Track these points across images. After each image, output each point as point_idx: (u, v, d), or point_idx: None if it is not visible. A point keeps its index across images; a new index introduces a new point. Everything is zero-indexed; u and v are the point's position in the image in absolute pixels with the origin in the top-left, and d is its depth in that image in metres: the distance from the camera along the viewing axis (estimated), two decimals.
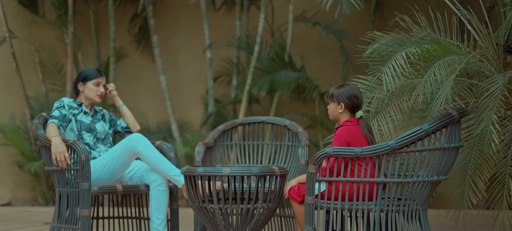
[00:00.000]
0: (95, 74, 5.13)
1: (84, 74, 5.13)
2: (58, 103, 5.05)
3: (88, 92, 5.11)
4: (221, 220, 4.36)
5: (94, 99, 5.12)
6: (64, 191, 4.79)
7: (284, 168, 4.41)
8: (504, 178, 5.06)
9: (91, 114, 5.16)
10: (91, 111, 5.18)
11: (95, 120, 5.16)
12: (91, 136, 5.07)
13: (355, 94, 4.32)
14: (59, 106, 5.02)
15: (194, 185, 4.37)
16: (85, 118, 5.10)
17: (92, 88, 5.10)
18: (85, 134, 5.05)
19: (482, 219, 7.18)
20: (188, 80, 8.70)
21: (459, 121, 4.13)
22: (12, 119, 8.49)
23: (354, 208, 4.11)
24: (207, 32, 8.42)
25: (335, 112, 4.38)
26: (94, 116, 5.18)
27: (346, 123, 4.32)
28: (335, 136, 4.28)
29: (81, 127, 5.05)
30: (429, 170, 4.11)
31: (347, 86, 4.35)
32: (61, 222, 4.80)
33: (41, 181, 8.49)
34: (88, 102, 5.15)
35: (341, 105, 4.33)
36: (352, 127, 4.29)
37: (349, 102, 4.31)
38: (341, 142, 4.22)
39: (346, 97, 4.32)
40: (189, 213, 7.60)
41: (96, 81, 5.11)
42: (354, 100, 4.32)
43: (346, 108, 4.33)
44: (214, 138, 5.47)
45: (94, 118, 5.17)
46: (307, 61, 8.40)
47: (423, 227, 4.15)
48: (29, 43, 8.70)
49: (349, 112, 4.34)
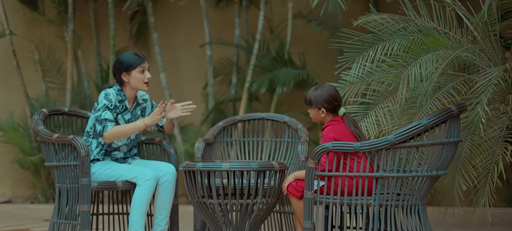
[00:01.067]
0: (138, 60, 4.76)
1: (127, 62, 4.74)
2: (107, 101, 4.74)
3: (134, 82, 4.76)
4: (220, 215, 4.37)
5: (143, 88, 4.81)
6: (64, 186, 4.79)
7: (283, 164, 4.41)
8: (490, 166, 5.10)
9: (131, 110, 4.87)
10: (132, 106, 4.89)
11: (133, 118, 4.89)
12: (125, 139, 4.88)
13: (332, 95, 4.35)
14: (110, 107, 4.73)
15: (193, 181, 4.37)
16: (122, 120, 4.83)
17: (138, 77, 4.76)
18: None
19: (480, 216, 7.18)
20: (188, 78, 8.70)
21: (458, 116, 4.14)
22: (11, 116, 8.49)
23: (353, 202, 4.12)
24: (207, 30, 8.43)
25: (318, 117, 4.42)
26: (134, 112, 4.89)
27: (331, 122, 4.37)
28: (323, 137, 4.33)
29: None
30: (428, 165, 4.12)
31: (321, 89, 4.37)
32: (60, 218, 4.80)
33: (41, 178, 8.49)
34: (133, 92, 4.83)
35: (322, 110, 4.37)
36: (338, 125, 4.33)
37: (328, 105, 4.36)
38: (329, 140, 4.25)
39: (324, 101, 4.35)
40: (189, 210, 7.60)
41: (141, 68, 4.76)
42: (332, 102, 4.36)
43: (328, 111, 4.36)
44: (214, 135, 5.47)
45: (133, 114, 4.89)
46: (307, 59, 8.40)
47: (422, 222, 4.16)
48: (28, 41, 8.70)
49: (332, 113, 4.38)
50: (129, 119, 4.88)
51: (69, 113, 5.21)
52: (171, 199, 4.85)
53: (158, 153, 5.15)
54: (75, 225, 4.70)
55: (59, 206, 4.83)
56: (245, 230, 4.43)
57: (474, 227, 6.40)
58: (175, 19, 8.70)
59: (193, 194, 4.42)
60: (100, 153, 4.83)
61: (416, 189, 4.13)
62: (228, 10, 8.62)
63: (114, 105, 4.79)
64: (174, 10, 8.70)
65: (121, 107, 4.84)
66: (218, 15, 8.64)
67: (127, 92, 4.85)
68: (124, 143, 4.90)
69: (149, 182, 4.72)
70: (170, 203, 4.84)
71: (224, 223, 4.40)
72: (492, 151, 5.06)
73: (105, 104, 4.76)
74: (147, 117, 4.81)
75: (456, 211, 7.66)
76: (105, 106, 4.75)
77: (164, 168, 4.81)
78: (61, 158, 4.78)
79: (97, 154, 4.82)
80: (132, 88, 4.83)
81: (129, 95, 4.86)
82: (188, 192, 4.45)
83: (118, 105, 4.81)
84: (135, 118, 4.92)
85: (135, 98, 4.92)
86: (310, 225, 4.14)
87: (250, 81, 8.11)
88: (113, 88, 4.83)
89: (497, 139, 5.07)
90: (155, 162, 4.93)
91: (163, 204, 4.83)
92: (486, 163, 5.14)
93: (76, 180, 4.70)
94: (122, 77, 4.80)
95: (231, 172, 4.34)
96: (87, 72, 8.76)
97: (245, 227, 4.43)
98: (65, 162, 4.76)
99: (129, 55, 4.79)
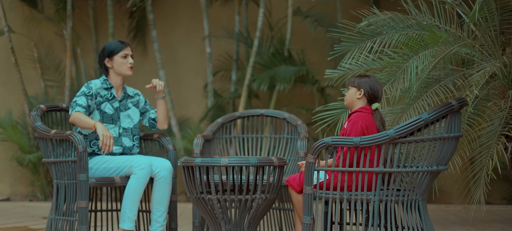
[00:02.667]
0: (120, 46, 4.83)
1: (109, 48, 4.83)
2: (86, 88, 4.78)
3: (117, 67, 4.82)
4: (219, 211, 4.34)
5: (126, 73, 4.83)
6: (62, 183, 4.76)
7: (282, 159, 4.38)
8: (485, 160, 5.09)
9: (119, 99, 4.89)
10: (120, 95, 4.90)
11: (122, 107, 4.91)
12: (115, 128, 4.87)
13: (378, 86, 4.31)
14: (87, 94, 4.77)
15: (192, 176, 4.34)
16: (109, 107, 4.85)
17: (120, 61, 4.82)
18: (107, 126, 4.84)
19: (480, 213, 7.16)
20: (187, 75, 8.68)
21: (458, 111, 4.11)
22: (10, 114, 8.47)
23: (353, 198, 4.09)
24: (206, 27, 8.40)
25: (352, 97, 4.34)
26: (123, 102, 4.91)
27: (361, 109, 4.29)
28: (351, 121, 4.24)
29: (103, 119, 4.84)
30: (429, 160, 4.09)
31: (371, 77, 4.35)
32: (58, 215, 4.77)
33: (40, 176, 8.47)
34: (119, 78, 4.87)
35: (361, 91, 4.30)
36: (367, 115, 4.26)
37: (370, 90, 4.29)
38: (357, 127, 4.18)
39: (369, 86, 4.30)
40: (188, 208, 7.58)
41: (123, 54, 4.82)
42: (374, 90, 4.29)
43: (365, 96, 4.31)
44: (212, 131, 5.44)
45: (122, 104, 4.91)
46: (307, 56, 8.38)
47: (423, 217, 4.13)
48: (27, 39, 8.68)
49: (367, 101, 4.32)
50: (117, 107, 4.89)
51: (67, 110, 5.18)
52: (168, 195, 4.82)
53: (156, 150, 5.12)
54: (73, 221, 4.67)
55: (57, 203, 4.80)
56: (244, 226, 4.40)
57: (474, 224, 6.38)
58: (174, 16, 8.67)
59: (191, 189, 4.39)
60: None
61: (416, 184, 4.10)
62: (228, 6, 8.60)
63: (94, 94, 4.80)
64: (173, 7, 8.67)
65: (109, 95, 4.87)
66: (217, 12, 8.61)
67: (112, 80, 4.88)
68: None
69: (144, 171, 4.69)
70: (167, 199, 4.81)
71: (223, 219, 4.37)
72: (488, 145, 5.05)
73: (83, 91, 4.80)
74: (99, 128, 4.65)
75: (456, 208, 7.64)
76: (83, 93, 4.79)
77: (160, 163, 4.78)
78: (58, 154, 4.76)
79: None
80: (116, 75, 4.86)
81: (116, 83, 4.88)
82: (187, 187, 4.42)
83: (103, 94, 4.84)
84: (124, 108, 4.92)
85: (123, 88, 4.93)
86: (310, 221, 4.11)
87: (250, 79, 8.08)
88: (99, 79, 4.89)
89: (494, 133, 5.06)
90: (151, 157, 4.90)
91: (161, 200, 4.80)
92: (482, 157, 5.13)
93: (74, 176, 4.66)
94: (106, 63, 4.86)
95: (230, 167, 4.31)
96: (86, 69, 8.74)
97: (244, 223, 4.40)
98: (62, 158, 4.73)
99: (112, 42, 4.88)
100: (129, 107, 4.96)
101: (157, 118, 5.01)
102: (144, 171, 4.70)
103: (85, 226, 4.60)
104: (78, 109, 4.73)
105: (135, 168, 4.71)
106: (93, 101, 4.81)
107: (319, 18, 8.09)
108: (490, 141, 5.05)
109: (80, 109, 4.73)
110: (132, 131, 4.95)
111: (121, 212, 4.74)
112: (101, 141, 4.61)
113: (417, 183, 4.10)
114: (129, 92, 4.99)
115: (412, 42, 4.85)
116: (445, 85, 5.26)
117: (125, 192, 4.72)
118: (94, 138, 4.85)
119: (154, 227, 4.81)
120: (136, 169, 4.70)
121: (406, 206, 4.11)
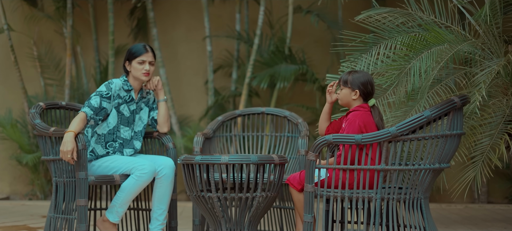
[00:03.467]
0: (140, 51, 4.76)
1: (130, 51, 4.79)
2: (105, 89, 4.73)
3: (134, 72, 4.77)
4: (219, 210, 4.30)
5: (141, 79, 4.78)
6: (61, 180, 4.73)
7: (283, 157, 4.34)
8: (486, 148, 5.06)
9: (136, 100, 4.85)
10: (137, 97, 4.87)
11: (138, 109, 4.88)
12: (129, 130, 4.85)
13: (369, 80, 4.26)
14: (105, 95, 4.72)
15: (192, 174, 4.31)
16: (126, 110, 4.81)
17: (136, 67, 4.76)
18: (123, 128, 4.82)
19: (482, 212, 7.14)
20: (187, 73, 8.65)
21: (461, 108, 4.07)
22: (9, 112, 8.44)
23: (355, 196, 4.04)
24: (207, 25, 8.37)
25: (347, 98, 4.30)
26: (138, 103, 4.87)
27: (358, 108, 4.25)
28: (348, 121, 4.20)
29: (121, 121, 4.80)
30: (431, 157, 4.04)
31: (361, 72, 4.29)
32: (57, 213, 4.73)
33: (40, 175, 8.44)
34: (138, 82, 4.82)
35: (355, 91, 4.26)
36: (365, 113, 4.22)
37: (364, 89, 4.25)
38: (354, 127, 4.14)
39: (361, 83, 4.25)
40: (188, 207, 7.55)
41: (140, 60, 4.75)
42: (368, 87, 4.25)
43: (361, 95, 4.26)
44: (213, 129, 5.40)
45: (138, 106, 4.87)
46: (307, 54, 8.34)
47: (425, 216, 4.09)
48: (27, 37, 8.64)
49: (363, 99, 4.27)
50: (133, 110, 4.85)
51: (67, 107, 5.14)
52: (170, 193, 4.78)
53: (156, 148, 5.09)
54: (72, 219, 4.63)
55: (56, 201, 4.76)
56: (245, 224, 4.37)
57: (476, 223, 6.35)
58: (174, 14, 8.64)
59: (191, 187, 4.35)
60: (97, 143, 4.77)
61: (418, 182, 4.06)
62: (228, 4, 8.56)
63: (113, 95, 4.74)
64: (174, 5, 8.64)
65: (128, 97, 4.82)
66: (218, 10, 8.58)
67: (132, 82, 4.84)
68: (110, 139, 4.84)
69: (146, 176, 4.65)
70: (168, 197, 4.78)
71: (223, 218, 4.34)
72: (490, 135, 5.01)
73: (101, 91, 4.73)
74: (64, 141, 4.52)
75: (458, 208, 7.61)
76: (100, 93, 4.72)
77: (162, 161, 4.75)
78: (58, 151, 4.72)
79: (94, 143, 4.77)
80: (134, 79, 4.82)
81: (135, 86, 4.85)
82: (187, 185, 4.38)
83: (122, 95, 4.79)
84: (139, 109, 4.89)
85: (140, 90, 4.90)
86: (311, 219, 4.07)
87: (250, 77, 8.05)
88: (120, 79, 4.83)
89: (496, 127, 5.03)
90: (153, 156, 4.87)
91: (162, 198, 4.77)
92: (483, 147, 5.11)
93: (73, 174, 4.63)
94: (125, 65, 4.83)
95: (230, 165, 4.27)
96: (86, 68, 8.70)
97: (244, 222, 4.36)
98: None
99: (136, 45, 4.82)
100: (141, 108, 4.93)
101: (157, 120, 4.96)
102: (145, 177, 4.66)
103: (84, 224, 4.56)
104: (86, 110, 4.66)
105: (137, 170, 4.66)
106: (111, 102, 4.75)
107: (320, 14, 8.05)
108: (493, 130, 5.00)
109: (88, 111, 4.66)
110: (142, 133, 4.93)
111: (111, 203, 4.70)
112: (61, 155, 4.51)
113: (419, 181, 4.06)
114: (144, 92, 4.94)
115: (415, 43, 4.80)
116: (446, 84, 5.22)
117: (121, 187, 4.68)
118: (111, 140, 4.81)
119: (154, 225, 4.78)
120: (138, 171, 4.65)
121: (408, 204, 4.07)
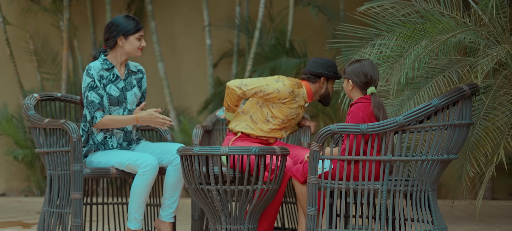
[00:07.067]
0: (136, 26, 4.53)
1: (125, 27, 4.50)
2: (88, 78, 4.50)
3: (129, 47, 4.52)
4: (219, 203, 4.15)
5: (136, 54, 4.56)
6: (55, 173, 4.58)
7: (284, 148, 4.20)
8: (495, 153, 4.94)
9: (123, 77, 4.62)
10: (124, 73, 4.62)
11: (128, 86, 4.63)
12: (121, 110, 4.61)
13: (364, 71, 4.10)
14: (93, 86, 4.50)
15: (190, 166, 4.16)
16: (114, 89, 4.57)
17: (135, 43, 4.53)
18: (113, 109, 4.58)
19: (486, 208, 7.04)
20: (187, 67, 8.54)
21: (470, 97, 3.92)
22: (5, 107, 8.32)
23: (360, 188, 3.89)
24: (206, 18, 8.25)
25: (347, 90, 4.21)
26: (127, 79, 4.63)
27: (361, 100, 4.11)
28: (351, 114, 4.07)
29: (110, 102, 4.56)
30: (439, 148, 3.89)
31: (358, 63, 4.15)
32: (52, 207, 4.59)
33: (36, 171, 8.32)
34: (124, 58, 4.58)
35: (349, 82, 4.13)
36: (368, 104, 4.08)
37: (357, 79, 4.11)
38: (357, 119, 4.01)
39: (354, 74, 4.12)
40: (187, 203, 7.43)
41: (139, 35, 4.53)
42: (361, 78, 4.10)
43: (355, 86, 4.12)
44: (212, 121, 5.31)
45: (128, 82, 4.63)
46: (308, 47, 8.22)
47: (432, 209, 3.94)
48: (23, 30, 8.52)
49: (360, 90, 4.13)
50: (122, 87, 4.61)
51: (62, 99, 5.00)
52: (183, 182, 4.59)
53: (154, 140, 4.97)
54: (67, 214, 4.48)
55: (50, 195, 4.62)
56: (245, 218, 4.23)
57: (481, 219, 6.25)
58: (173, 7, 8.52)
59: (190, 180, 4.21)
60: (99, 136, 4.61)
61: (425, 173, 3.91)
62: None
63: (98, 78, 4.52)
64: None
65: (112, 76, 4.59)
66: (218, 3, 8.46)
67: (117, 57, 4.59)
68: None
69: (149, 172, 4.45)
70: (182, 184, 4.60)
71: (222, 211, 4.19)
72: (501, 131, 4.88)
73: (88, 83, 4.52)
74: (144, 115, 4.48)
75: (463, 204, 7.51)
76: (90, 87, 4.51)
77: (175, 149, 4.55)
78: (52, 143, 4.57)
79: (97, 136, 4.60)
80: (123, 54, 4.57)
81: (119, 61, 4.60)
82: (185, 178, 4.24)
83: (105, 76, 4.55)
84: (130, 86, 4.64)
85: (126, 66, 4.66)
86: (314, 212, 3.92)
87: (250, 70, 7.95)
88: (99, 60, 4.59)
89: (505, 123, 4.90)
90: (165, 144, 4.65)
91: (176, 186, 4.57)
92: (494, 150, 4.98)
93: (67, 167, 4.48)
94: (118, 40, 4.54)
95: (230, 156, 4.13)
96: (83, 62, 8.58)
97: (244, 215, 4.22)
98: (56, 147, 4.55)
99: (126, 20, 4.55)
100: (134, 84, 4.67)
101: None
102: (150, 173, 4.45)
103: (79, 219, 4.41)
104: (101, 115, 4.49)
105: (140, 168, 4.46)
106: (100, 86, 4.53)
107: (321, 6, 7.93)
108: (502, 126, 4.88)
109: (99, 114, 4.49)
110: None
111: (128, 211, 4.53)
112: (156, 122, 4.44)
113: (426, 172, 3.91)
114: (132, 67, 4.69)
115: (414, 34, 4.67)
116: (448, 75, 5.09)
117: (131, 192, 4.50)
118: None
119: (166, 212, 4.59)
120: (142, 169, 4.45)
121: (415, 197, 3.92)
